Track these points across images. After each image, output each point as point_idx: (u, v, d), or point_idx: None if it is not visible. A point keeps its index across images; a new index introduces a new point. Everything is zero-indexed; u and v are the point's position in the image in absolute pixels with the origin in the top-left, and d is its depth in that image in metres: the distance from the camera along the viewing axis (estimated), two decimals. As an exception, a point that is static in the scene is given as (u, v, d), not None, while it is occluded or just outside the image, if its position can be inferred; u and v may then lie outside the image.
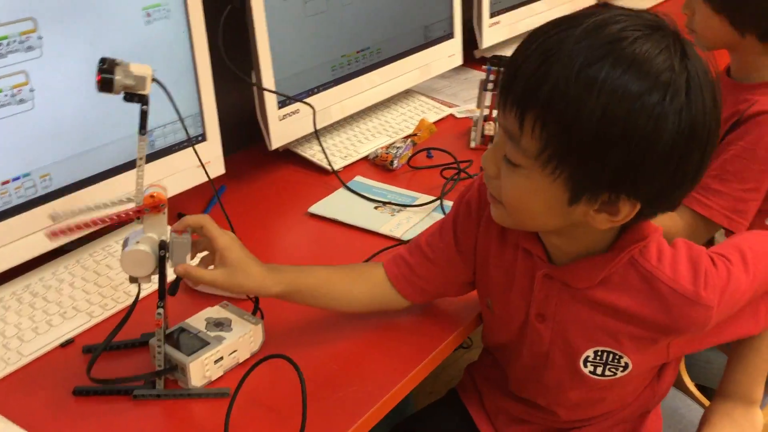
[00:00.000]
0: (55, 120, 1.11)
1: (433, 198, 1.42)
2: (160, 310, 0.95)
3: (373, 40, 1.65)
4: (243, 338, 1.03)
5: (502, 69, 1.58)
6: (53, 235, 0.89)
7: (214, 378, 1.01)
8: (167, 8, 1.21)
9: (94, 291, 1.16)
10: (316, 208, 1.41)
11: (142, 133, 0.90)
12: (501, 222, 0.97)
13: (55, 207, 1.12)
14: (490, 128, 1.62)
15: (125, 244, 0.96)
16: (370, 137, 1.67)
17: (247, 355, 1.05)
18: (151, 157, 1.25)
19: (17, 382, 1.01)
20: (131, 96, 0.88)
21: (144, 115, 0.89)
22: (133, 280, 0.97)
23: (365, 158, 1.61)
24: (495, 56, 1.68)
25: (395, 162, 1.56)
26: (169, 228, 0.96)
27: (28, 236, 1.11)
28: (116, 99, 0.88)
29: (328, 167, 1.54)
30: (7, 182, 1.07)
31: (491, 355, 1.18)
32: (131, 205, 0.92)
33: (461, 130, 1.74)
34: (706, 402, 1.23)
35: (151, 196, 0.92)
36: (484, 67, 1.66)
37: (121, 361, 1.04)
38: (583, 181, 0.84)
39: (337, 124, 1.67)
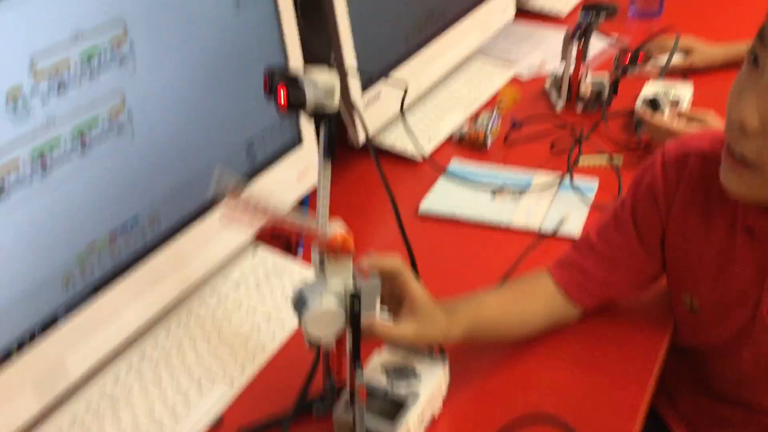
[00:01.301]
0: (155, 148, 0.88)
1: (558, 175, 1.24)
2: (360, 378, 0.76)
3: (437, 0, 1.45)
4: (437, 386, 0.85)
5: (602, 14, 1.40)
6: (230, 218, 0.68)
7: (419, 442, 0.83)
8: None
9: (224, 352, 0.95)
10: (427, 206, 1.22)
11: (327, 159, 0.69)
12: (744, 193, 0.80)
13: (169, 256, 0.91)
14: (586, 89, 1.44)
15: (300, 301, 0.75)
16: (443, 114, 1.47)
17: (440, 403, 0.87)
18: (254, 173, 1.04)
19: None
20: (320, 115, 0.67)
21: (333, 138, 0.68)
22: (313, 343, 0.77)
23: (449, 139, 1.42)
24: (591, 3, 1.47)
25: (489, 139, 1.38)
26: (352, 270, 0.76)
27: (143, 295, 0.90)
28: (215, 112, 0.69)
29: (416, 155, 1.35)
30: (115, 237, 0.85)
31: (686, 354, 1.03)
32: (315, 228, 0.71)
33: (534, 92, 1.56)
34: None
35: (342, 236, 0.72)
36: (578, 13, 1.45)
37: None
38: None
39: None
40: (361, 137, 1.28)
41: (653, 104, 1.34)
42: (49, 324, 0.80)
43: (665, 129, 1.25)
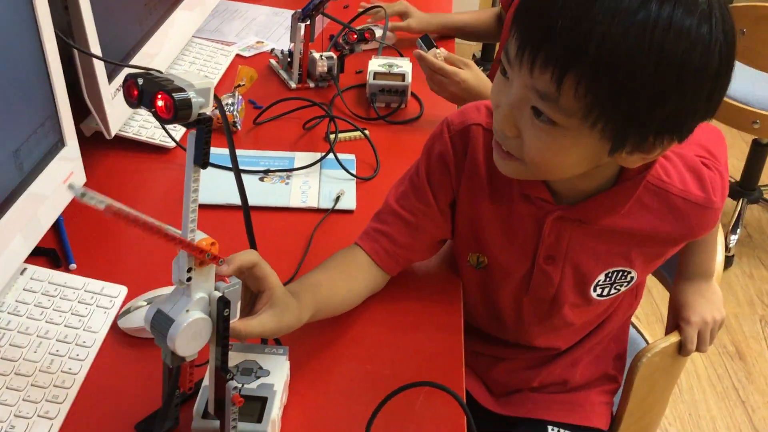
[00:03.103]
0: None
1: (321, 154, 1.28)
2: (235, 384, 0.73)
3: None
4: (286, 376, 0.85)
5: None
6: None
7: (279, 435, 0.83)
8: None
9: (25, 384, 0.84)
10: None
11: (202, 166, 0.65)
12: (515, 176, 0.92)
13: None
14: (323, 65, 1.48)
15: (161, 320, 0.70)
16: (179, 97, 1.41)
17: (286, 392, 0.87)
18: (25, 185, 0.91)
19: None
20: (197, 121, 0.62)
21: (207, 144, 0.63)
22: (174, 361, 0.72)
23: (193, 124, 1.37)
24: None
25: (238, 122, 1.36)
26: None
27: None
28: None
29: (166, 144, 1.29)
30: None
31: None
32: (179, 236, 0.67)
33: (260, 71, 1.57)
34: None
35: (212, 244, 0.69)
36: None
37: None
38: (629, 131, 0.80)
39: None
40: (114, 129, 1.18)
41: (426, 42, 1.47)
42: None
43: (440, 68, 1.37)
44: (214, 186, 1.19)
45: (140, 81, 0.61)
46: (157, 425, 0.76)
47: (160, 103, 0.60)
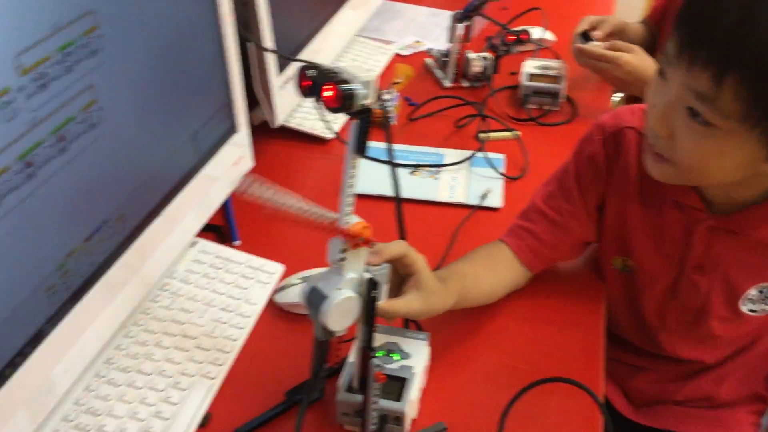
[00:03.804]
0: (124, 142, 0.83)
1: (471, 152, 1.31)
2: (378, 362, 0.78)
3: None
4: (426, 360, 0.89)
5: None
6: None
7: (415, 417, 0.87)
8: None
9: (191, 345, 0.93)
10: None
11: (362, 155, 0.70)
12: (666, 180, 0.91)
13: (133, 254, 0.87)
14: (478, 65, 1.51)
15: (315, 296, 0.76)
16: (339, 92, 1.49)
17: (426, 376, 0.91)
18: (200, 165, 1.01)
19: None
20: (358, 111, 0.67)
21: (367, 134, 0.69)
22: (325, 336, 0.78)
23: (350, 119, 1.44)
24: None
25: (391, 118, 1.42)
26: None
27: (114, 297, 0.86)
28: (167, 101, 0.68)
29: (326, 134, 1.36)
30: (90, 238, 0.80)
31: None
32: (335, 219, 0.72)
33: (416, 69, 1.62)
34: None
35: (365, 228, 0.73)
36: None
37: None
38: None
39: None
40: (280, 118, 1.27)
41: (585, 37, 1.46)
42: (35, 339, 0.74)
43: (600, 55, 1.36)
44: (369, 177, 1.25)
45: (311, 72, 0.66)
46: (306, 394, 0.82)
47: (327, 93, 0.65)
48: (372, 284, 0.76)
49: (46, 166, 0.72)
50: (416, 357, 0.88)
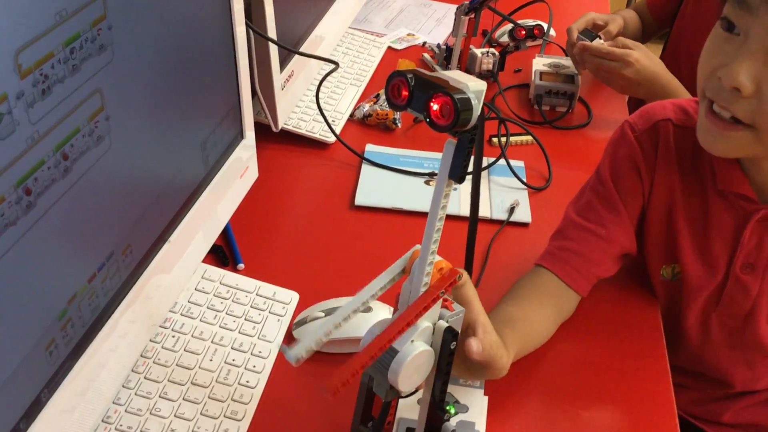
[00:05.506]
0: (132, 157, 0.68)
1: (492, 159, 1.19)
2: (453, 427, 0.65)
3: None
4: (484, 412, 0.77)
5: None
6: (334, 392, 0.53)
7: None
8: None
9: (202, 395, 0.78)
10: (363, 199, 1.10)
11: (458, 180, 0.56)
12: (733, 153, 0.82)
13: (141, 288, 0.71)
14: (488, 62, 1.39)
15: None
16: (335, 92, 1.34)
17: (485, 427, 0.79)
18: (209, 177, 0.86)
19: None
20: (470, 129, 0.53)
21: (469, 155, 0.55)
22: (389, 396, 0.64)
23: (350, 119, 1.30)
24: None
25: (398, 120, 1.28)
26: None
27: (123, 341, 0.70)
28: (178, 104, 0.56)
29: (326, 138, 1.22)
30: (93, 277, 0.64)
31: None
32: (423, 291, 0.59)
33: (414, 65, 1.49)
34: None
35: (440, 269, 0.60)
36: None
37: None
38: None
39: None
40: (281, 121, 1.12)
41: (588, 35, 1.35)
42: (32, 410, 0.59)
43: (608, 52, 1.26)
44: (377, 188, 1.12)
45: (411, 79, 0.52)
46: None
47: (435, 106, 0.51)
48: (451, 334, 0.63)
49: (46, 193, 0.56)
50: (475, 410, 0.76)
